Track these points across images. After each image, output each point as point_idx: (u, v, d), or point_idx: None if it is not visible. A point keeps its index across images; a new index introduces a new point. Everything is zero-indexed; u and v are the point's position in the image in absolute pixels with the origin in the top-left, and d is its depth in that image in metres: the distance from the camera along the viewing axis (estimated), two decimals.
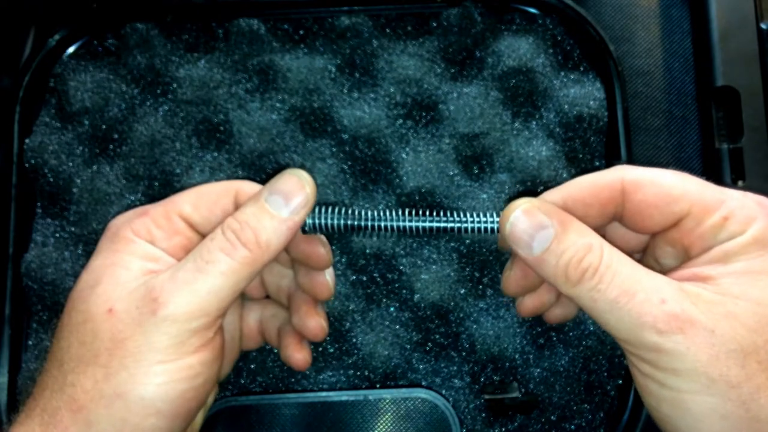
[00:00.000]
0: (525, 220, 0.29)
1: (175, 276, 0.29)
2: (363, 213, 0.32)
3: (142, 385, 0.28)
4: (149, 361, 0.28)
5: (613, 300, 0.27)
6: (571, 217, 0.30)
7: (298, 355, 0.36)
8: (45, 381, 0.29)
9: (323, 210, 0.32)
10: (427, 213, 0.33)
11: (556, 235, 0.29)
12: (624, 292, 0.27)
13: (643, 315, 0.26)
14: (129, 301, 0.29)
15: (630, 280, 0.27)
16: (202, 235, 0.33)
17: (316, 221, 0.32)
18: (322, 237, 0.34)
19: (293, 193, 0.30)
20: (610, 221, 0.32)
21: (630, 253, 0.34)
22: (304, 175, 0.31)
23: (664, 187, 0.29)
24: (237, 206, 0.33)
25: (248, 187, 0.33)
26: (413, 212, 0.32)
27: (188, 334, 0.28)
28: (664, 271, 0.32)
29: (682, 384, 0.26)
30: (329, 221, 0.32)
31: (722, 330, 0.26)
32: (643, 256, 0.34)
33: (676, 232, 0.30)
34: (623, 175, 0.30)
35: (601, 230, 0.33)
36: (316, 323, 0.36)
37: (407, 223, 0.32)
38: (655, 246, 0.32)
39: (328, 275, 0.36)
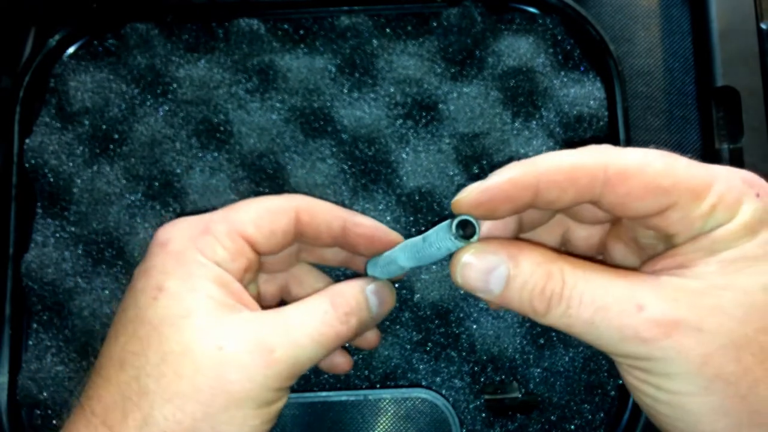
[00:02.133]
0: (474, 267, 0.28)
1: (291, 335, 0.30)
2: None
3: (236, 427, 0.28)
4: (248, 406, 0.28)
5: (588, 320, 0.26)
6: (521, 247, 0.28)
7: (343, 359, 0.40)
8: (123, 407, 0.28)
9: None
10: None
11: (510, 271, 0.27)
12: (597, 310, 0.26)
13: (623, 328, 0.25)
14: (238, 343, 0.29)
15: (600, 294, 0.26)
16: (260, 254, 0.34)
17: (385, 269, 0.35)
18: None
19: (387, 303, 0.35)
20: (583, 204, 0.30)
21: (600, 221, 0.32)
22: (395, 291, 0.36)
23: (652, 177, 0.26)
24: (298, 225, 0.34)
25: (305, 202, 0.34)
26: None
27: (284, 390, 0.30)
28: (642, 250, 0.31)
29: (678, 387, 0.25)
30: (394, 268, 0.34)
31: (710, 326, 0.25)
32: (613, 229, 0.32)
33: (661, 221, 0.27)
34: (607, 162, 0.27)
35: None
36: (345, 360, 0.40)
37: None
38: (634, 228, 0.30)
39: (375, 330, 0.40)
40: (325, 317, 0.31)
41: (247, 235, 0.32)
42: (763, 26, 0.47)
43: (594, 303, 0.26)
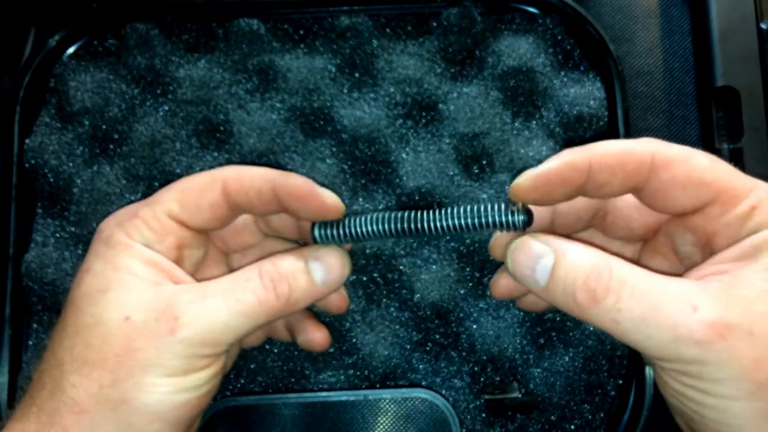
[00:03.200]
0: (522, 254, 0.29)
1: (202, 302, 0.29)
2: (372, 218, 0.32)
3: (147, 394, 0.28)
4: (157, 372, 0.28)
5: (639, 317, 0.25)
6: (571, 241, 0.28)
7: (320, 334, 0.38)
8: (43, 380, 0.29)
9: (334, 224, 0.33)
10: (430, 212, 0.32)
11: (556, 261, 0.27)
12: (650, 307, 0.25)
13: (677, 328, 0.25)
14: (147, 312, 0.29)
15: (652, 292, 0.25)
16: (194, 230, 0.33)
17: (329, 233, 0.33)
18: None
19: (334, 269, 0.33)
20: (629, 192, 0.30)
21: (633, 236, 0.33)
22: (346, 257, 0.34)
23: (695, 169, 0.28)
24: (227, 196, 0.33)
25: (232, 172, 0.33)
26: (416, 213, 0.32)
27: (198, 357, 0.29)
28: (681, 260, 0.31)
29: (726, 391, 0.25)
30: (340, 232, 0.33)
31: (761, 330, 0.24)
32: (650, 243, 0.33)
33: (700, 218, 0.28)
34: (654, 149, 0.28)
35: (612, 201, 0.33)
36: (322, 335, 0.38)
37: (415, 225, 0.32)
38: (674, 231, 0.31)
39: (340, 293, 0.38)
40: (247, 284, 0.30)
41: (173, 214, 0.32)
42: (763, 26, 0.47)
43: (646, 300, 0.25)
